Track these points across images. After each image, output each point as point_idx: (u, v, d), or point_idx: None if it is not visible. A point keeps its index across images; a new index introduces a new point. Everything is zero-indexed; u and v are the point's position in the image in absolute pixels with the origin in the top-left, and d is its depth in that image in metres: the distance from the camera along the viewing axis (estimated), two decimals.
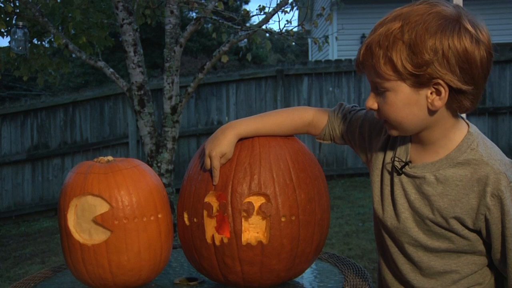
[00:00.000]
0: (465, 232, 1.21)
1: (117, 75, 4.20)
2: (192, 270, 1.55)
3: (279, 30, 4.18)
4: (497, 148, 1.23)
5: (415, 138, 1.25)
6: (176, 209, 1.49)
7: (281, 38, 4.34)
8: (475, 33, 1.10)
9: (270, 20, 4.11)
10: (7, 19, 4.61)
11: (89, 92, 8.83)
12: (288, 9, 4.20)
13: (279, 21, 4.55)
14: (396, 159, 1.28)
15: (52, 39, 4.84)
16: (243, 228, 1.29)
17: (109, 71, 4.20)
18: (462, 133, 1.21)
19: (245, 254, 1.29)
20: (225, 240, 1.30)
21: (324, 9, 4.55)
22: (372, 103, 1.19)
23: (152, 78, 8.61)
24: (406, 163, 1.25)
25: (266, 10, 4.18)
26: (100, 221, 1.33)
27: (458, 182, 1.19)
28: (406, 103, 1.14)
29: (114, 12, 4.18)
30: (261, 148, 1.33)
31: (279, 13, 4.11)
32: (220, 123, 8.63)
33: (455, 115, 1.19)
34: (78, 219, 1.35)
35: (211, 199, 1.32)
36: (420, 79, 1.10)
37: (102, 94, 8.61)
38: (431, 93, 1.12)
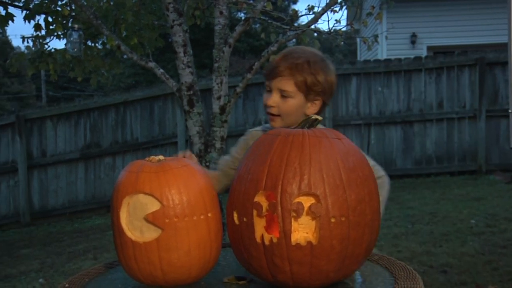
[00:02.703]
0: None
1: (167, 76, 4.26)
2: (241, 269, 1.55)
3: (328, 30, 4.15)
4: None
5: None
6: (224, 208, 1.50)
7: (329, 38, 4.31)
8: (334, 69, 1.79)
9: (319, 20, 4.08)
10: (64, 22, 4.75)
11: (139, 92, 9.01)
12: (337, 9, 4.16)
13: (328, 21, 4.53)
14: None
15: (105, 41, 4.96)
16: (292, 228, 1.28)
17: (159, 71, 4.26)
18: None
19: (294, 254, 1.29)
20: (275, 240, 1.29)
21: (373, 8, 4.49)
22: (273, 102, 1.75)
23: (200, 78, 8.71)
24: None
25: (315, 9, 4.16)
26: (151, 219, 1.35)
27: None
28: (298, 106, 1.75)
29: (164, 13, 4.24)
30: (311, 148, 1.32)
31: (328, 12, 4.08)
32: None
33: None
34: (130, 217, 1.38)
35: (260, 199, 1.32)
36: (311, 95, 1.74)
37: (152, 94, 8.77)
38: (311, 104, 1.77)
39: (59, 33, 4.91)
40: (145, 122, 8.76)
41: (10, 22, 4.68)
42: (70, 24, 4.75)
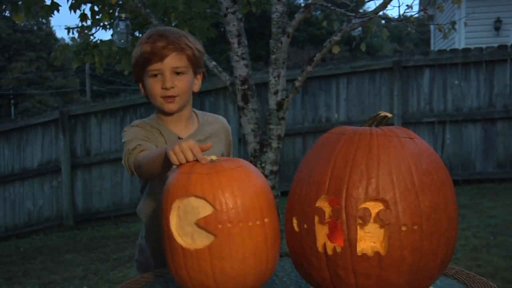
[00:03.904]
0: None
1: (219, 69, 4.31)
2: (301, 281, 1.55)
3: (397, 16, 4.09)
4: None
5: (173, 119, 1.94)
6: (281, 213, 1.51)
7: (399, 26, 4.24)
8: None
9: (388, 6, 4.03)
10: (110, 11, 4.88)
11: None
12: None
13: (398, 6, 4.45)
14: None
15: None
16: (358, 236, 1.28)
17: (212, 64, 4.32)
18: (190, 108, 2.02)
19: (360, 265, 1.28)
20: (338, 249, 1.29)
21: None
22: (172, 82, 1.84)
23: (256, 72, 8.76)
24: (180, 138, 1.89)
25: None
26: (203, 225, 1.37)
27: (218, 133, 2.05)
28: (191, 82, 1.91)
29: (217, 0, 4.29)
30: (380, 149, 1.31)
31: None
32: (328, 121, 8.61)
33: None
34: (180, 221, 1.40)
35: (323, 204, 1.32)
36: (197, 69, 1.93)
37: (203, 88, 8.73)
38: (196, 79, 1.96)
39: (106, 23, 5.06)
40: None
41: (55, 12, 4.84)
42: (117, 14, 4.88)
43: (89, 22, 5.13)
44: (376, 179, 1.28)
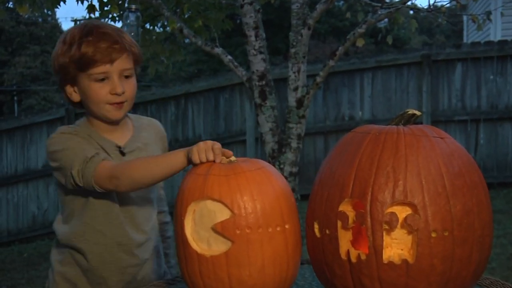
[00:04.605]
0: None
1: (235, 63, 4.32)
2: None
3: (427, 7, 4.07)
4: None
5: (109, 126, 1.83)
6: (301, 217, 1.52)
7: (429, 16, 4.23)
8: None
9: None
10: (119, 2, 4.91)
11: (202, 82, 9.15)
12: None
13: None
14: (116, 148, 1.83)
15: (166, 23, 5.09)
16: (384, 243, 1.28)
17: (227, 58, 4.33)
18: None
19: (387, 274, 1.28)
20: (363, 257, 1.30)
21: None
22: (122, 87, 1.74)
23: (274, 66, 8.76)
24: (118, 147, 1.83)
25: None
26: (220, 230, 1.38)
27: (156, 139, 1.96)
28: (136, 86, 1.82)
29: None
30: (407, 149, 1.32)
31: None
32: (352, 119, 8.59)
33: None
34: (196, 226, 1.41)
35: (346, 208, 1.32)
36: (137, 69, 1.84)
37: (217, 84, 8.90)
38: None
39: (115, 15, 5.08)
40: (209, 117, 8.92)
41: (61, 3, 4.89)
42: (126, 5, 4.90)
43: (97, 14, 5.16)
44: (404, 182, 1.28)
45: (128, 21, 4.71)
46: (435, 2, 4.09)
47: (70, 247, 1.85)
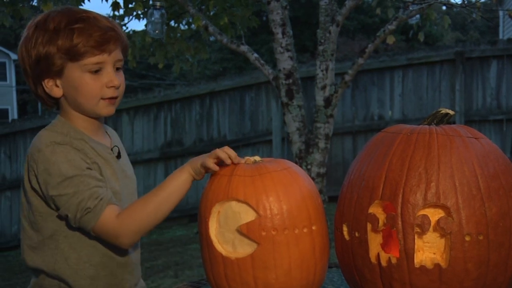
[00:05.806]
0: None
1: (262, 61, 4.33)
2: None
3: (461, 2, 4.03)
4: None
5: (94, 126, 1.67)
6: (329, 219, 1.50)
7: (462, 12, 4.18)
8: None
9: None
10: None
11: (228, 81, 9.18)
12: None
13: None
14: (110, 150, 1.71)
15: (191, 21, 5.11)
16: (416, 247, 1.27)
17: (253, 56, 4.33)
18: None
19: (418, 279, 1.27)
20: (393, 261, 1.29)
21: None
22: (119, 81, 1.60)
23: (301, 64, 8.75)
24: (112, 149, 1.72)
25: None
26: (245, 232, 1.38)
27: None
28: None
29: None
30: (440, 150, 1.30)
31: None
32: (382, 118, 8.54)
33: None
34: (220, 228, 1.42)
35: (376, 210, 1.32)
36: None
37: (243, 83, 8.91)
38: None
39: (139, 12, 5.12)
40: (234, 116, 8.93)
41: (85, 0, 4.94)
42: (151, 2, 4.94)
43: (121, 11, 5.21)
44: (436, 183, 1.27)
45: (153, 18, 4.75)
46: None
47: (59, 279, 1.59)
